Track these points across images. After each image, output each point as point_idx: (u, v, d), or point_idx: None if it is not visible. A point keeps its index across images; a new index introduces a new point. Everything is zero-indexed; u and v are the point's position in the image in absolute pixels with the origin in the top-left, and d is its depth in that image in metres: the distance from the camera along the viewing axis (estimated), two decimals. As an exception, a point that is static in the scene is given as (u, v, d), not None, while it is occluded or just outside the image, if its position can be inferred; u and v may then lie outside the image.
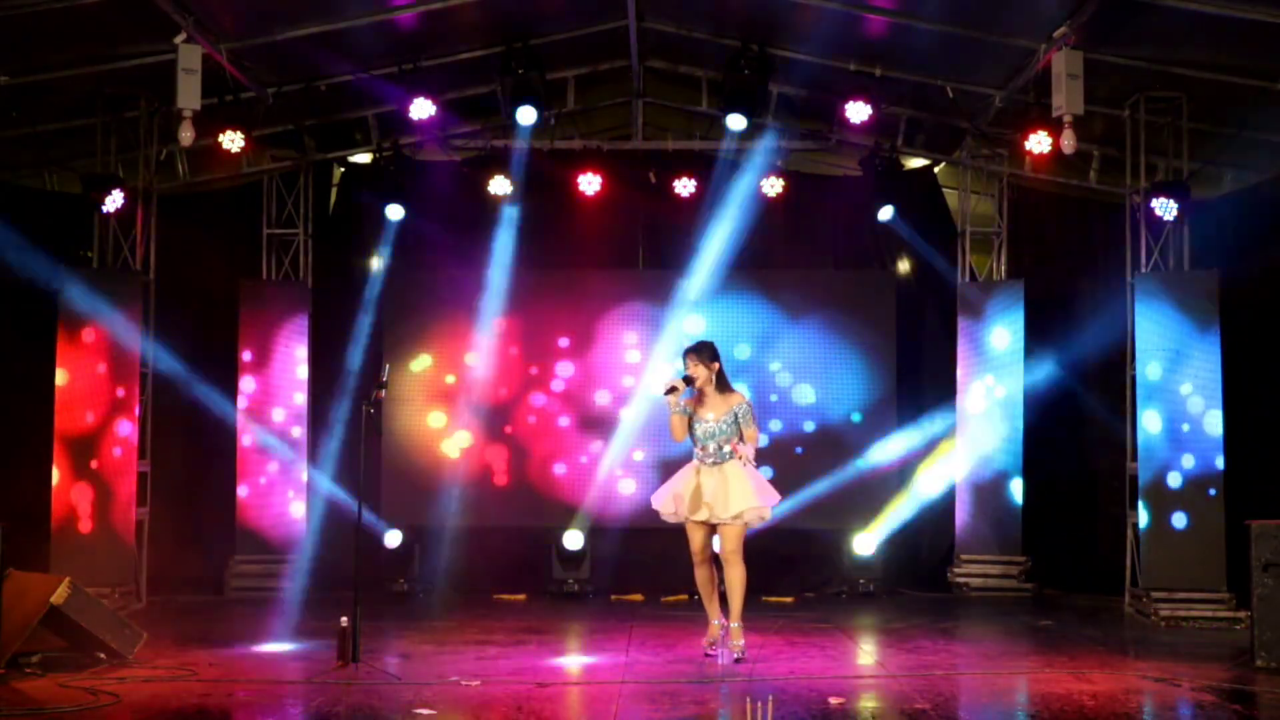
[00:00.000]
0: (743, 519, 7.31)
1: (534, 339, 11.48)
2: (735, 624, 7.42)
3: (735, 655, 7.36)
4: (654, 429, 11.30)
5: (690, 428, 7.43)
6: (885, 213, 11.02)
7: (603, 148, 11.34)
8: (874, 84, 9.98)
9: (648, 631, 8.83)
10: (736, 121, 10.10)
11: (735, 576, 7.35)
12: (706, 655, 7.57)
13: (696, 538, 7.47)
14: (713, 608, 7.61)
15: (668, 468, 11.15)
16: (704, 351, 7.46)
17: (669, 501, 7.48)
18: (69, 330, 9.78)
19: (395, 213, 10.93)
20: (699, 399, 7.44)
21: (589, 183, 11.05)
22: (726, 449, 7.36)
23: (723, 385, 7.47)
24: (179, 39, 8.68)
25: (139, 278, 10.18)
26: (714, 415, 7.38)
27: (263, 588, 10.83)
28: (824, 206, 11.73)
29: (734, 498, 7.27)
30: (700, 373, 7.40)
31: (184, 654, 7.68)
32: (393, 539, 10.92)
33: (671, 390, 7.34)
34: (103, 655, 7.24)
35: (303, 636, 8.47)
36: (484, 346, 11.41)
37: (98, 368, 9.80)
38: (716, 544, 7.50)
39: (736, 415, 7.36)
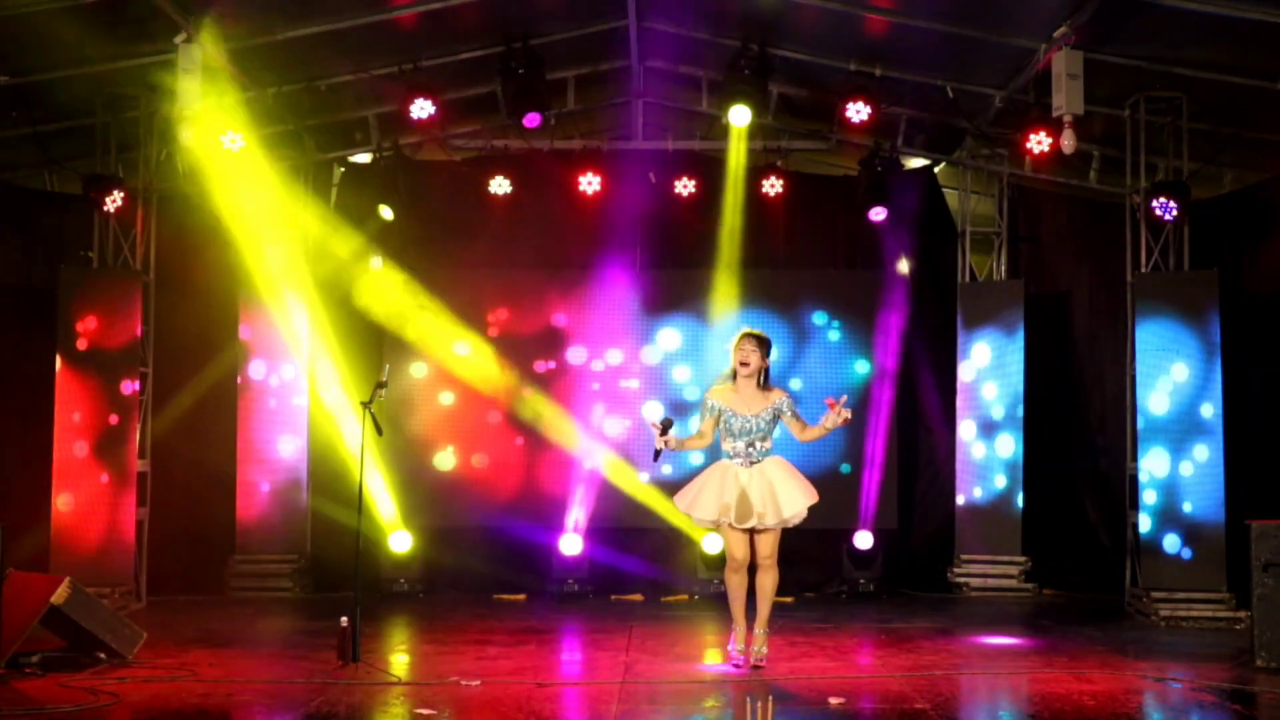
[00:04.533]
0: (790, 523, 7.09)
1: (533, 339, 11.46)
2: (762, 630, 7.21)
3: (757, 662, 7.18)
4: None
5: (722, 425, 7.13)
6: (878, 214, 11.03)
7: (603, 148, 11.34)
8: (874, 84, 9.97)
9: (648, 631, 8.83)
10: (740, 115, 10.08)
11: (771, 583, 7.16)
12: (736, 665, 7.24)
13: (741, 544, 7.10)
14: (743, 614, 7.28)
15: (668, 467, 11.23)
16: (765, 343, 7.22)
17: (709, 507, 7.06)
18: (68, 330, 9.78)
19: (386, 214, 10.94)
20: (735, 394, 7.14)
21: (589, 183, 11.05)
22: (762, 446, 7.12)
23: (765, 382, 7.22)
24: (179, 39, 8.68)
25: (139, 278, 10.18)
26: (752, 411, 7.09)
27: (263, 588, 10.85)
28: (824, 206, 11.73)
29: (784, 501, 7.02)
30: (754, 361, 7.12)
31: (184, 654, 7.68)
32: (397, 541, 10.91)
33: (664, 437, 7.04)
34: (103, 655, 7.23)
35: (303, 636, 8.47)
36: (484, 347, 11.41)
37: (97, 368, 9.80)
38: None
39: (777, 411, 7.13)
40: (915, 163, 11.61)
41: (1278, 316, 9.85)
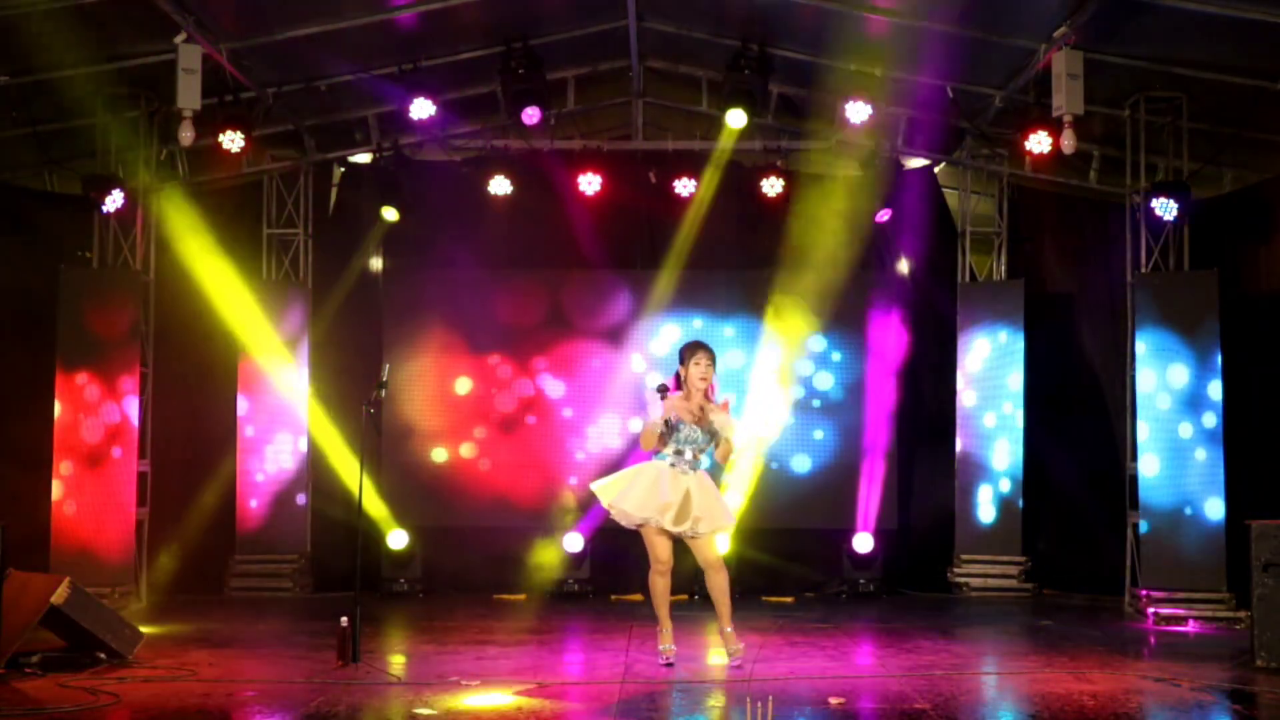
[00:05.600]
0: (718, 532, 7.31)
1: (534, 339, 11.46)
2: (731, 628, 7.35)
3: (735, 660, 7.28)
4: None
5: (669, 430, 7.14)
6: (883, 215, 11.04)
7: (603, 148, 11.34)
8: (874, 84, 9.97)
9: (648, 631, 8.79)
10: (737, 118, 10.08)
11: (724, 582, 7.29)
12: (668, 664, 7.30)
13: (666, 547, 7.25)
14: (669, 614, 7.44)
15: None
16: (712, 355, 7.28)
17: (647, 505, 7.08)
18: (69, 330, 9.77)
19: (390, 215, 10.98)
20: (686, 404, 7.15)
21: (589, 183, 11.05)
22: (699, 458, 7.20)
23: (709, 394, 7.28)
24: (179, 39, 8.68)
25: (139, 278, 10.18)
26: (700, 422, 7.15)
27: (263, 588, 10.86)
28: (824, 206, 11.72)
29: (718, 511, 7.22)
30: (710, 375, 7.21)
31: (184, 654, 7.68)
32: (395, 539, 10.91)
33: (663, 389, 7.08)
34: (103, 655, 7.23)
35: (303, 636, 8.47)
36: (483, 347, 11.41)
37: (97, 368, 9.80)
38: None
39: (717, 425, 7.18)
40: (915, 163, 11.61)
41: (1278, 317, 9.85)
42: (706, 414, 7.17)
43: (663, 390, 7.10)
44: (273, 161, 11.31)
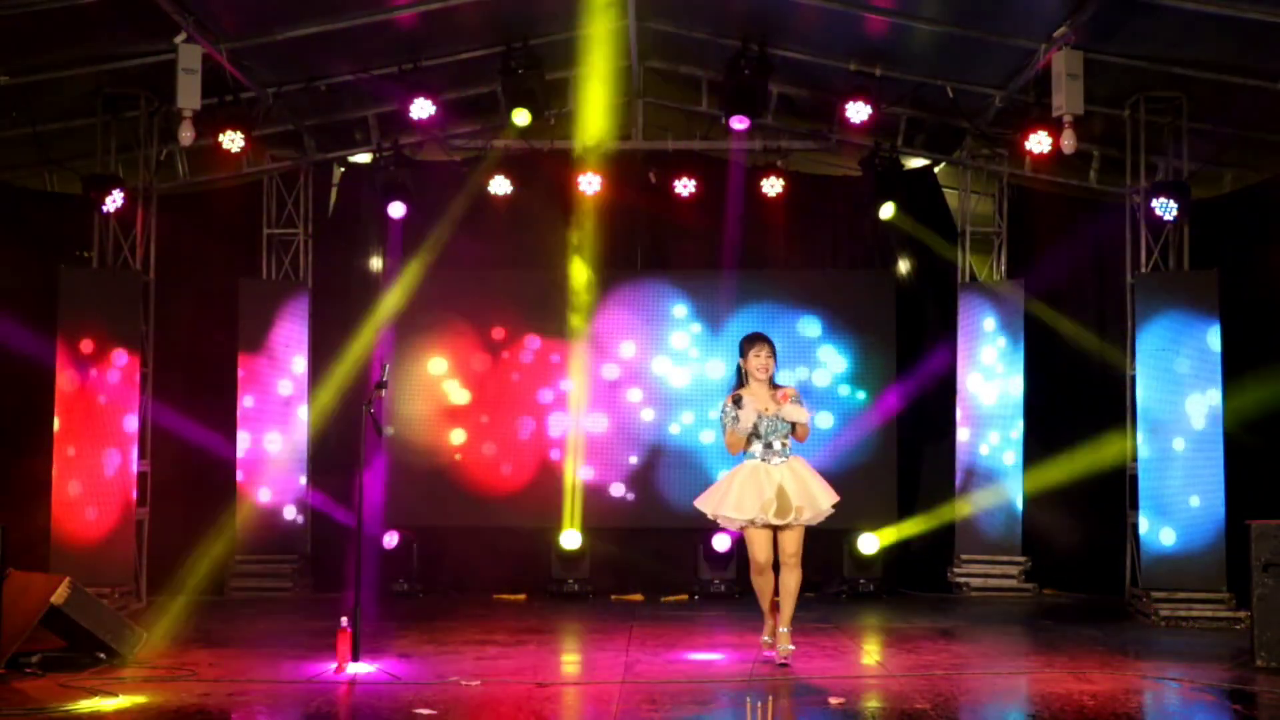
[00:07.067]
0: (819, 518, 7.24)
1: (533, 339, 11.47)
2: (787, 629, 7.30)
3: (784, 660, 7.25)
4: (651, 429, 11.31)
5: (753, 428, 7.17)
6: (886, 210, 11.03)
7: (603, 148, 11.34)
8: (874, 84, 9.97)
9: (648, 631, 8.83)
10: (739, 124, 10.10)
11: (796, 581, 7.24)
12: (767, 659, 7.35)
13: (766, 547, 7.19)
14: (771, 609, 7.40)
15: (666, 468, 11.23)
16: (772, 345, 7.36)
17: (746, 506, 7.08)
18: (69, 330, 9.77)
19: (397, 210, 10.95)
20: (753, 396, 7.22)
21: (589, 183, 11.05)
22: (785, 445, 7.22)
23: (773, 383, 7.36)
24: (179, 39, 8.69)
25: (139, 278, 10.18)
26: (774, 409, 7.17)
27: (263, 588, 10.86)
28: (824, 206, 11.73)
29: (819, 495, 7.17)
30: (771, 365, 7.29)
31: (184, 654, 7.68)
32: (391, 539, 10.91)
33: (738, 399, 7.15)
34: (103, 655, 7.23)
35: (303, 636, 8.47)
36: (483, 346, 11.41)
37: (97, 368, 9.80)
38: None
39: (788, 416, 7.19)
40: (915, 163, 11.60)
41: (1277, 317, 9.85)
42: (778, 404, 7.18)
43: (737, 400, 7.16)
44: (273, 161, 11.31)
